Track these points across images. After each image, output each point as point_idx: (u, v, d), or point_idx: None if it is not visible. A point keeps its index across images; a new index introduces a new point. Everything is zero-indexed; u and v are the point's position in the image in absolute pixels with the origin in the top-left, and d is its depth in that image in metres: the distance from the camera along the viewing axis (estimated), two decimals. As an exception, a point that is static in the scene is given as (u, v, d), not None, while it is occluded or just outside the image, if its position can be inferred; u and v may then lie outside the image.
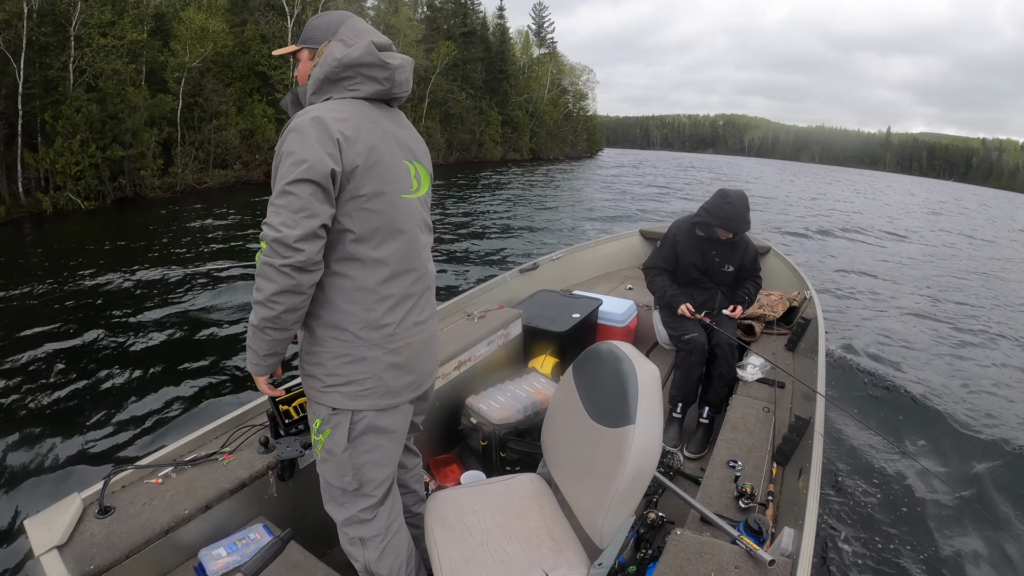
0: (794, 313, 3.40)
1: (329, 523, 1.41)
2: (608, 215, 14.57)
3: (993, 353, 5.71)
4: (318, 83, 1.25)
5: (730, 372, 2.58)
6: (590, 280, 4.31)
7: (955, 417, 4.21)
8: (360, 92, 1.25)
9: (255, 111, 19.87)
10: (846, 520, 2.89)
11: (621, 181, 27.02)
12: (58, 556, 1.24)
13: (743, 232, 2.67)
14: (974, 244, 15.13)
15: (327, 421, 1.30)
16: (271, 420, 1.72)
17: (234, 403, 4.11)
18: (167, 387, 4.52)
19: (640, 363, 1.26)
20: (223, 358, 5.12)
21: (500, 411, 2.21)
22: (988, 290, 8.81)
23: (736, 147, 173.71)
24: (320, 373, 1.28)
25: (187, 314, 6.23)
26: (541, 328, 2.88)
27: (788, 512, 1.67)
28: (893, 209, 21.09)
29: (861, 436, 3.77)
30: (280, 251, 1.09)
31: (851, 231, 14.27)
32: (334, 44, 1.26)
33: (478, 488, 1.60)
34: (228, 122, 18.40)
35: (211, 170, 17.90)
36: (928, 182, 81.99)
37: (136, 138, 15.04)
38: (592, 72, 53.71)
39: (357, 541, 1.39)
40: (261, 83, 20.76)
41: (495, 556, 1.35)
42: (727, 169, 46.14)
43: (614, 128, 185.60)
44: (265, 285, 1.12)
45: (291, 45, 1.35)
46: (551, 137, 45.61)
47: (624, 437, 1.17)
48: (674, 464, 2.23)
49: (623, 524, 1.24)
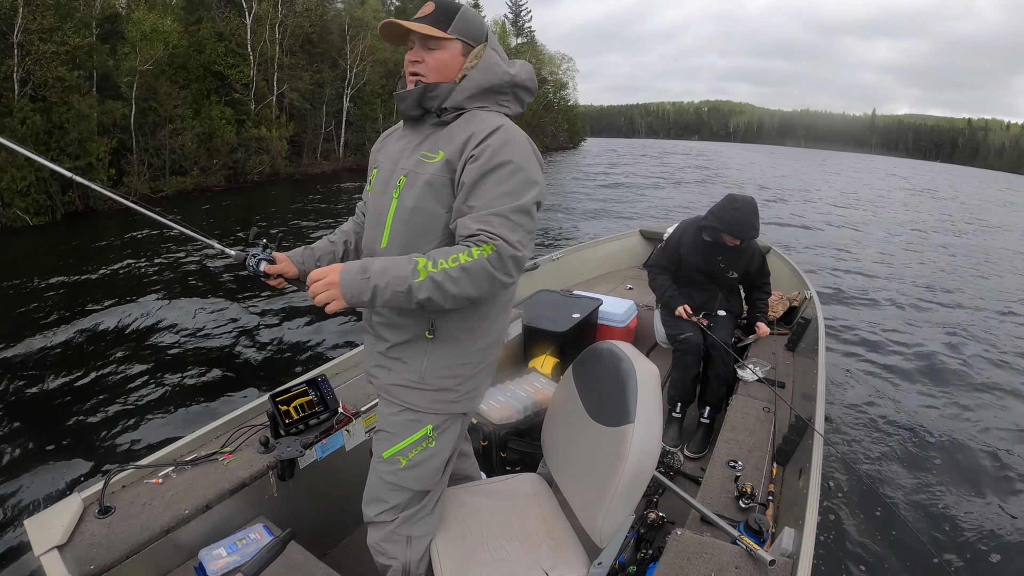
0: (794, 313, 3.41)
1: (330, 523, 1.41)
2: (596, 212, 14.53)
3: (993, 350, 5.71)
4: (479, 89, 1.20)
5: (726, 372, 2.58)
6: (590, 280, 4.31)
7: (956, 416, 4.22)
8: (509, 111, 1.25)
9: (212, 113, 18.72)
10: (846, 520, 2.89)
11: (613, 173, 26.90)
12: (58, 556, 1.24)
13: (751, 239, 2.62)
14: (981, 234, 15.08)
15: (439, 427, 1.30)
16: (271, 420, 1.72)
17: (234, 403, 4.12)
18: (167, 387, 4.53)
19: (640, 362, 1.26)
20: (223, 358, 5.13)
21: (500, 411, 2.21)
22: (989, 284, 8.81)
23: (721, 133, 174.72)
24: (455, 384, 1.27)
25: (185, 315, 6.23)
26: (541, 328, 2.88)
27: (788, 512, 1.67)
28: (891, 201, 21.09)
29: (861, 436, 3.78)
30: (512, 270, 1.10)
31: (847, 226, 14.27)
32: (491, 52, 1.22)
33: (478, 487, 1.60)
34: (184, 126, 17.30)
35: (167, 178, 16.74)
36: (919, 164, 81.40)
37: (84, 148, 13.98)
38: (572, 61, 53.20)
39: (403, 540, 1.35)
40: (219, 84, 19.76)
41: (495, 555, 1.35)
42: (714, 160, 44.75)
43: (599, 117, 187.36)
44: (468, 287, 1.08)
45: (428, 26, 1.17)
46: (530, 128, 43.67)
47: (624, 436, 1.17)
48: (674, 464, 2.23)
49: (623, 523, 1.24)
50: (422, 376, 1.26)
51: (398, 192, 1.21)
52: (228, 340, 5.55)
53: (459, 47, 1.20)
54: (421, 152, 1.20)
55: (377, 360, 1.33)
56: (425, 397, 1.27)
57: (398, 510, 1.34)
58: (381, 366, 1.32)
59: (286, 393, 1.77)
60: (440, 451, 1.32)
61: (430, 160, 1.17)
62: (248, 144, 19.47)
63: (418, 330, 1.24)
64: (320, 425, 1.80)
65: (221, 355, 5.19)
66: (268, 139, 20.21)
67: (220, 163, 18.37)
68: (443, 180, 1.16)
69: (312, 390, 1.82)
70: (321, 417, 1.80)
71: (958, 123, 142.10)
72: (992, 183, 45.97)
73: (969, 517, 3.02)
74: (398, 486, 1.33)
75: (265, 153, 19.99)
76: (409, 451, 1.30)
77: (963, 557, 2.73)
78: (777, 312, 3.33)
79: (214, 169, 18.22)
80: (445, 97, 1.19)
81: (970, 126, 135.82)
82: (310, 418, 1.77)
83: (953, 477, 3.39)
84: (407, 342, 1.26)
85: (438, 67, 1.20)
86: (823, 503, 2.87)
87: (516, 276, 1.12)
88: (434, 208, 1.17)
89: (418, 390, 1.27)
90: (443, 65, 1.20)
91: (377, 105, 26.65)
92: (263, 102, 21.22)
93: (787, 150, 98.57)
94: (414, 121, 1.26)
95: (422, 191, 1.17)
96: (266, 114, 21.16)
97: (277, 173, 20.66)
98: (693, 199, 17.93)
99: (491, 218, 1.08)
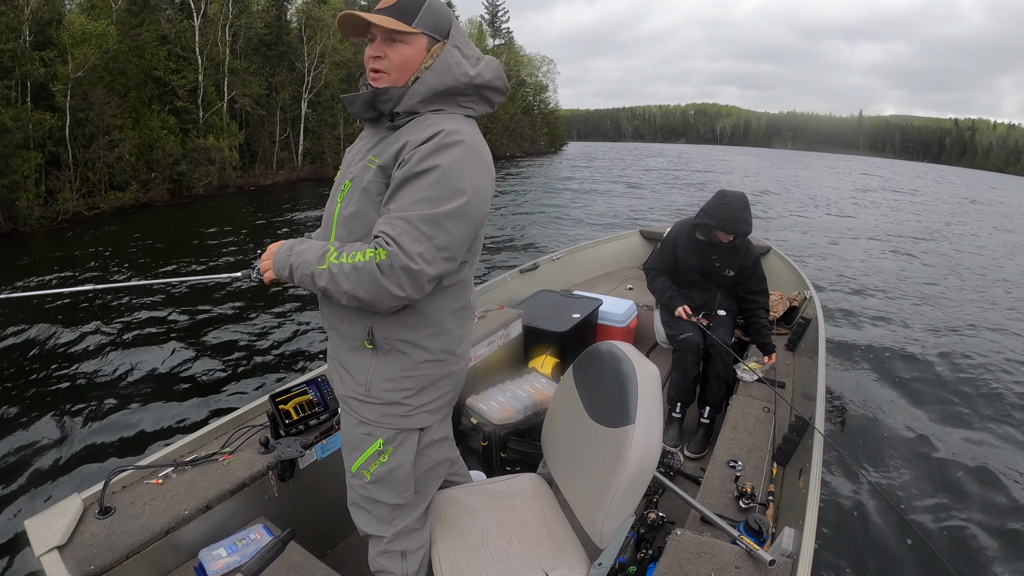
0: (794, 313, 3.41)
1: (329, 524, 1.41)
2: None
3: (993, 346, 5.71)
4: (433, 93, 1.10)
5: (726, 371, 2.58)
6: (590, 280, 4.31)
7: (957, 415, 4.22)
8: (474, 112, 1.16)
9: (152, 123, 17.10)
10: (846, 520, 2.89)
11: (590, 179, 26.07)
12: (58, 556, 1.24)
13: (744, 234, 2.59)
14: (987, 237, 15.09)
15: (391, 440, 1.23)
16: (271, 420, 1.73)
17: (234, 403, 4.12)
18: (167, 388, 4.53)
19: (640, 363, 1.26)
20: (223, 359, 5.13)
21: (500, 411, 2.21)
22: (989, 279, 8.81)
23: (708, 136, 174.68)
24: (404, 398, 1.20)
25: (185, 315, 6.23)
26: (541, 328, 2.88)
27: (788, 512, 1.67)
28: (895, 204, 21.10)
29: (862, 435, 3.78)
30: (404, 281, 1.01)
31: (843, 222, 14.30)
32: (452, 51, 1.11)
33: (479, 488, 1.60)
34: (123, 136, 15.75)
35: (104, 193, 15.11)
36: (907, 164, 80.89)
37: (8, 165, 12.36)
38: (552, 63, 51.61)
39: (398, 554, 1.33)
40: (161, 90, 18.02)
41: (495, 555, 1.35)
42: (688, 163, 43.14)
43: (585, 121, 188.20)
44: (357, 288, 1.02)
45: (391, 19, 1.07)
46: (507, 133, 41.09)
47: (624, 437, 1.17)
48: (674, 464, 2.23)
49: (623, 524, 1.24)
50: (368, 388, 1.21)
51: (342, 196, 1.18)
52: (228, 340, 5.56)
53: (424, 42, 1.10)
54: (369, 157, 1.15)
55: (332, 366, 1.31)
56: (375, 411, 1.22)
57: (382, 522, 1.31)
58: (336, 373, 1.29)
59: (286, 393, 1.77)
60: (398, 466, 1.25)
61: (372, 166, 1.13)
62: (193, 155, 17.91)
63: (357, 337, 1.19)
64: (320, 425, 1.80)
65: (221, 356, 5.20)
66: (215, 148, 18.59)
67: (161, 176, 16.80)
68: (378, 187, 1.11)
69: (312, 390, 1.82)
70: (321, 417, 1.80)
71: (945, 123, 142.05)
72: (980, 183, 45.65)
73: (970, 515, 3.02)
74: (372, 499, 1.30)
75: (211, 164, 18.32)
76: (369, 465, 1.26)
77: (963, 556, 2.73)
78: (777, 312, 3.33)
79: (155, 182, 16.67)
80: (397, 101, 1.11)
81: (957, 126, 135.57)
82: (310, 418, 1.78)
83: (954, 476, 3.39)
84: (351, 351, 1.22)
85: (401, 63, 1.11)
86: (823, 503, 2.87)
87: (410, 291, 1.02)
88: (371, 215, 1.12)
89: (366, 403, 1.22)
90: (407, 61, 1.11)
91: (338, 110, 24.82)
92: (211, 109, 19.61)
93: (773, 152, 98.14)
94: (372, 122, 1.20)
95: (360, 197, 1.13)
96: (214, 122, 19.51)
97: (226, 185, 19.13)
98: (633, 204, 17.12)
99: (396, 222, 1.01)
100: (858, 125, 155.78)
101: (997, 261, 11.03)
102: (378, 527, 1.32)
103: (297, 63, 23.66)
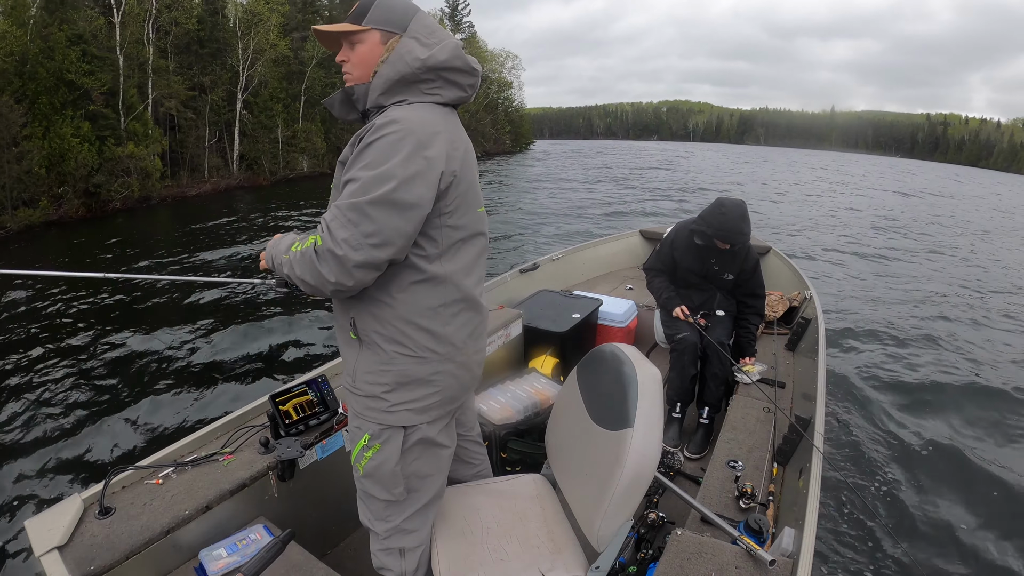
0: (794, 313, 3.40)
1: (329, 524, 1.41)
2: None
3: (993, 344, 5.71)
4: (389, 83, 1.12)
5: (724, 371, 2.58)
6: (590, 280, 4.31)
7: (957, 415, 4.21)
8: (441, 97, 1.16)
9: (64, 131, 15.27)
10: (847, 520, 2.89)
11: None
12: (58, 557, 1.24)
13: (741, 244, 2.59)
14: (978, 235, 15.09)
15: (377, 436, 1.24)
16: (271, 420, 1.73)
17: (234, 404, 4.12)
18: (167, 388, 4.53)
19: (642, 366, 1.26)
20: (223, 359, 5.13)
21: (501, 411, 2.21)
22: (989, 277, 8.81)
23: (680, 133, 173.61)
24: (383, 392, 1.20)
25: (184, 316, 6.23)
26: (541, 328, 2.88)
27: (788, 512, 1.67)
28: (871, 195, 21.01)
29: (862, 435, 3.77)
30: (333, 266, 1.04)
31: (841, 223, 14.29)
32: (407, 41, 1.13)
33: (481, 487, 1.60)
34: (31, 147, 14.20)
35: (10, 211, 13.44)
36: (893, 161, 79.91)
37: None
38: (518, 59, 50.00)
39: (396, 552, 1.33)
40: (75, 96, 16.00)
41: (493, 555, 1.35)
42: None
43: (558, 119, 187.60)
44: (304, 273, 1.09)
45: (347, 23, 1.15)
46: (468, 132, 41.53)
47: (622, 440, 1.17)
48: (674, 464, 2.23)
49: (621, 528, 1.24)
50: (354, 379, 1.24)
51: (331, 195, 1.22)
52: (228, 341, 5.56)
53: (378, 37, 1.15)
54: (341, 156, 1.19)
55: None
56: (359, 402, 1.24)
57: (377, 518, 1.32)
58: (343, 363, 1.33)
59: (286, 393, 1.77)
60: (384, 462, 1.24)
61: (339, 164, 1.17)
62: (111, 165, 16.17)
63: (344, 328, 1.23)
64: (320, 425, 1.80)
65: (221, 356, 5.20)
66: (136, 157, 16.79)
67: (74, 189, 15.16)
68: (340, 183, 1.14)
69: (312, 390, 1.82)
70: (321, 417, 1.80)
71: (916, 118, 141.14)
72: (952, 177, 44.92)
73: (970, 516, 3.02)
74: (366, 493, 1.32)
75: (128, 175, 16.52)
76: (360, 458, 1.27)
77: (964, 555, 2.73)
78: (777, 312, 3.32)
79: (67, 197, 14.96)
80: (363, 98, 1.16)
81: (929, 121, 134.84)
82: (310, 418, 1.78)
83: (954, 476, 3.39)
84: (343, 341, 1.26)
85: (359, 61, 1.16)
86: (823, 503, 2.87)
87: (338, 276, 1.04)
88: None
89: (353, 393, 1.25)
90: (363, 58, 1.16)
91: (276, 111, 23.12)
92: (132, 114, 17.85)
93: (745, 148, 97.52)
94: (359, 122, 1.23)
95: (333, 195, 1.16)
96: (136, 128, 17.73)
97: (149, 196, 17.42)
98: (560, 201, 16.74)
99: (333, 209, 1.06)
100: (830, 120, 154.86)
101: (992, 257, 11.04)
102: (374, 522, 1.34)
103: (230, 60, 21.79)
